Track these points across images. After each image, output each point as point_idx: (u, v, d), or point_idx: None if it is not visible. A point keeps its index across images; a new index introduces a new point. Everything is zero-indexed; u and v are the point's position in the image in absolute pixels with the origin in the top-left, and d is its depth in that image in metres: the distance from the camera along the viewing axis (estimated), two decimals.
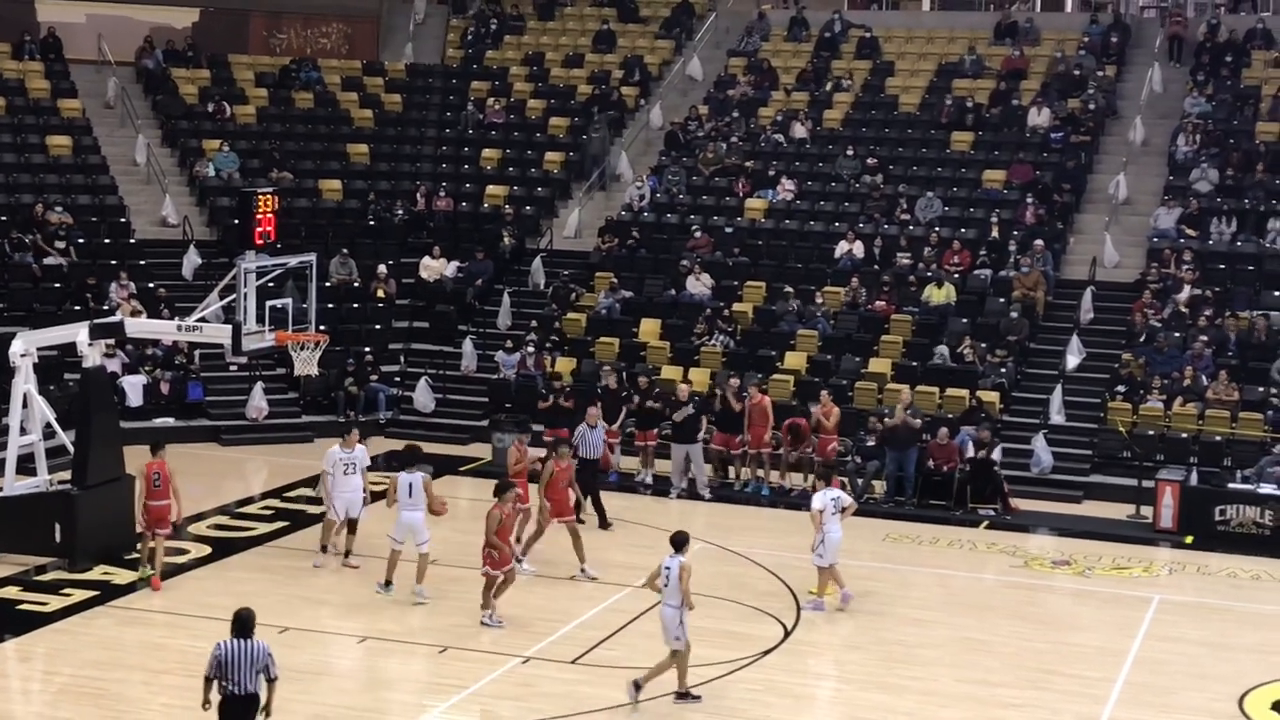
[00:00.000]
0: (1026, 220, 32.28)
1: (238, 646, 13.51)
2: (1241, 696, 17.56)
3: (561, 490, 21.24)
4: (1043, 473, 26.89)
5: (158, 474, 20.34)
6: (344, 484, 21.15)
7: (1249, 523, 24.25)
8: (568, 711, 16.36)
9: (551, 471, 21.20)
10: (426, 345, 32.18)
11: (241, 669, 13.45)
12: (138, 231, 33.45)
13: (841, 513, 19.88)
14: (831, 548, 19.77)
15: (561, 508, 21.24)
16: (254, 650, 13.52)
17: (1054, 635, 19.57)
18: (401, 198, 35.79)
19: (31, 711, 16.48)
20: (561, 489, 21.24)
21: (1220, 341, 28.64)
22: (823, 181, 34.86)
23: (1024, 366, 29.46)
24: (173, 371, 29.74)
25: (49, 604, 19.53)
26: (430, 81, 40.16)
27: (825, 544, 19.73)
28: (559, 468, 21.27)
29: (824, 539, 19.71)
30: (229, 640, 13.51)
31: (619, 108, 38.05)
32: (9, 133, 34.88)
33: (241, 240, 23.06)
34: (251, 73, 38.85)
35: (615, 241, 33.72)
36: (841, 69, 38.21)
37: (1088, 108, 35.18)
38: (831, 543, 19.74)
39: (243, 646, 13.51)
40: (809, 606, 19.93)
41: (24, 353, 21.94)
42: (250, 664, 13.49)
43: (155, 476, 20.32)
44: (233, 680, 13.46)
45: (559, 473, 21.24)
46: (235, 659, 13.46)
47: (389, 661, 17.75)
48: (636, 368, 29.81)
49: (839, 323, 30.58)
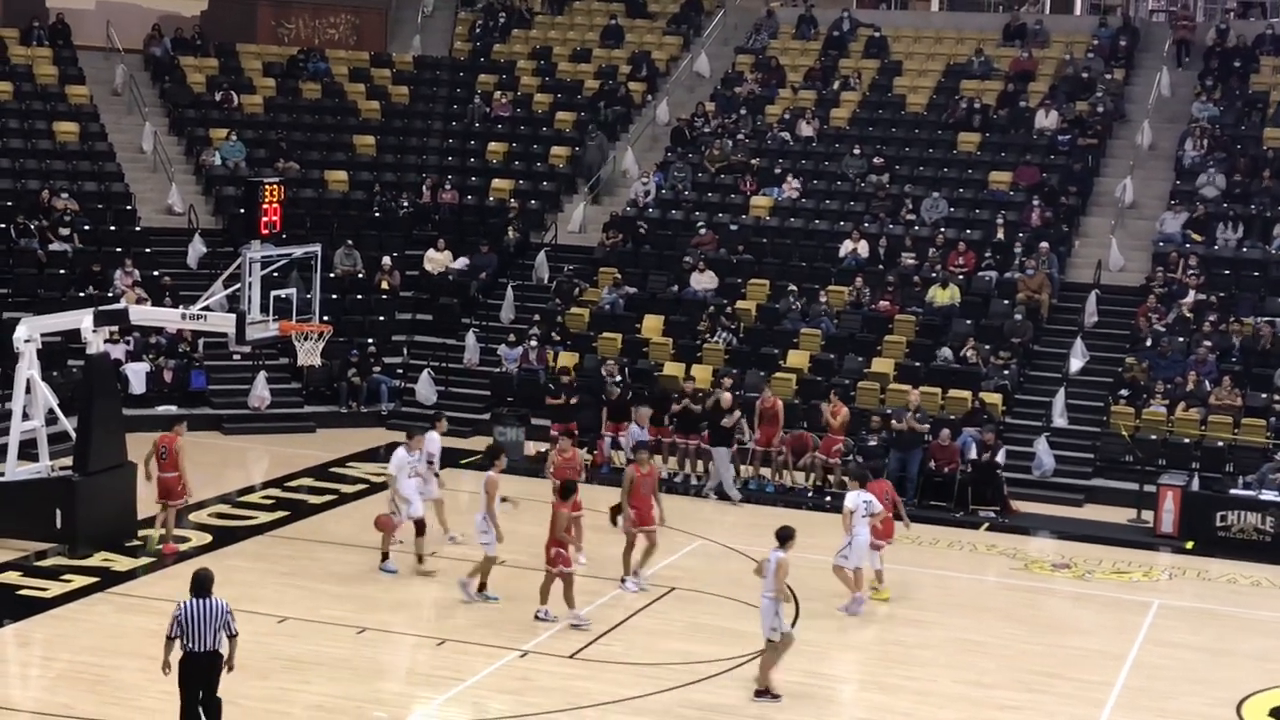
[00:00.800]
0: (1032, 222, 32.25)
1: (198, 605, 14.00)
2: (1240, 702, 17.54)
3: (644, 497, 20.30)
4: (1044, 475, 26.87)
5: (164, 448, 20.98)
6: (410, 486, 20.65)
7: (1250, 529, 24.22)
8: (564, 706, 16.36)
9: (632, 478, 20.24)
10: (429, 337, 32.19)
11: (202, 627, 13.96)
12: (143, 219, 33.46)
13: (870, 518, 19.78)
14: (858, 550, 19.72)
15: (644, 516, 20.30)
16: (214, 608, 14.02)
17: (1053, 638, 19.56)
18: (407, 190, 35.78)
19: (30, 696, 16.49)
20: (643, 496, 20.29)
21: (1224, 347, 28.61)
22: (828, 180, 34.84)
23: (1027, 369, 29.44)
24: (176, 360, 29.77)
25: (49, 590, 19.54)
26: (437, 74, 40.14)
27: (852, 546, 19.67)
28: (639, 474, 20.34)
29: (851, 541, 19.66)
30: (189, 600, 14.02)
31: (626, 103, 38.04)
32: (16, 118, 34.88)
33: (246, 230, 23.09)
34: (259, 62, 38.85)
35: (620, 237, 33.72)
36: (849, 68, 38.18)
37: (1095, 110, 35.15)
38: (858, 545, 19.68)
39: (203, 605, 14.00)
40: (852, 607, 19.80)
41: (28, 338, 21.98)
42: (211, 622, 13.99)
43: (163, 450, 20.97)
44: (194, 639, 13.98)
45: (640, 479, 20.31)
46: (196, 618, 13.97)
47: (387, 653, 17.76)
48: (639, 364, 29.85)
49: (842, 322, 30.57)
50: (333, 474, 26.38)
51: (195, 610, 14.00)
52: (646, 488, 20.36)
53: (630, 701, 16.59)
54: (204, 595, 14.04)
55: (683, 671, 17.48)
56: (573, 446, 22.22)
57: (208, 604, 14.03)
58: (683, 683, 17.16)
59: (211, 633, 14.03)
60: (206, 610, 14.00)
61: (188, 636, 14.00)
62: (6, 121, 34.61)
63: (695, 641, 18.57)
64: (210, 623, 14.00)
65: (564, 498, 18.79)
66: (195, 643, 14.01)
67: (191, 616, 13.98)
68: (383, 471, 22.16)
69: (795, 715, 16.51)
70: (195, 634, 13.99)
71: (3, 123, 34.52)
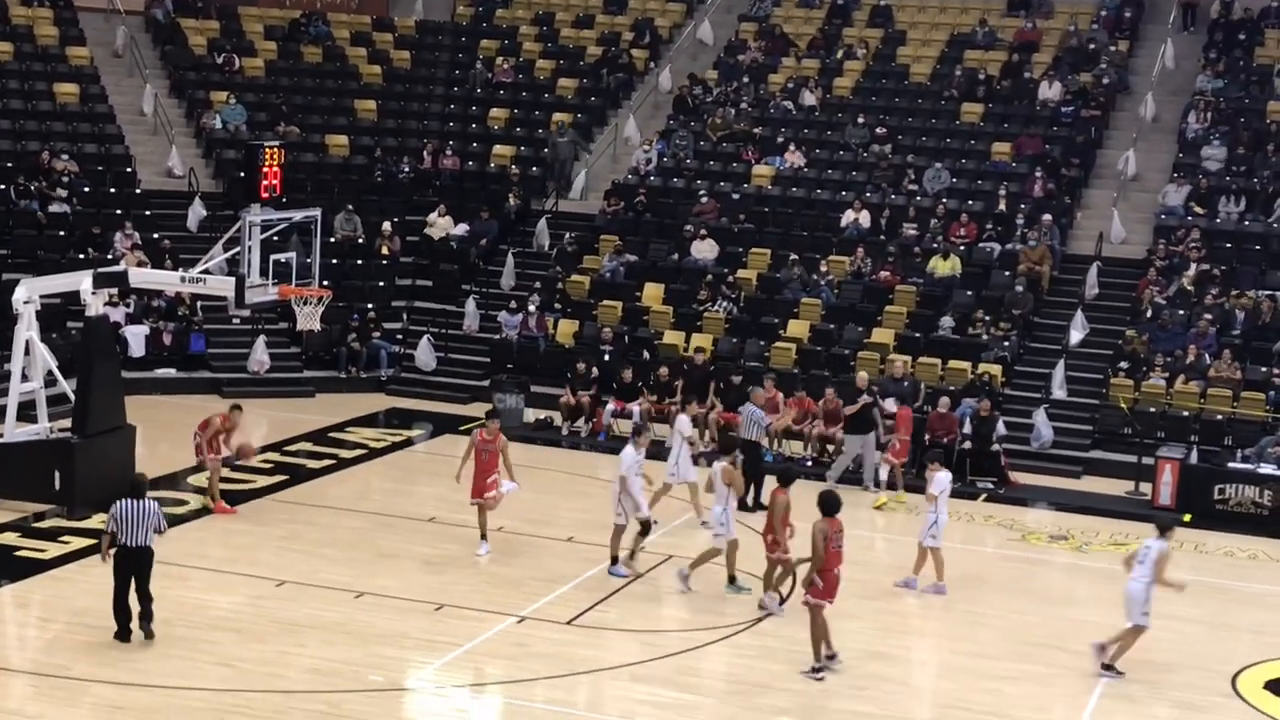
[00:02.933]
0: (1034, 194, 32.20)
1: (132, 505, 16.07)
2: (1235, 675, 17.58)
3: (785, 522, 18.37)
4: (1043, 447, 26.89)
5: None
6: (639, 485, 19.62)
7: (1248, 502, 24.24)
8: (561, 672, 16.39)
9: (786, 505, 18.32)
10: (429, 304, 32.16)
11: (135, 525, 16.01)
12: (143, 182, 33.38)
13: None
14: (942, 530, 19.74)
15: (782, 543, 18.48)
16: (146, 509, 16.10)
17: (1049, 609, 19.59)
18: (408, 155, 35.69)
19: (27, 658, 16.51)
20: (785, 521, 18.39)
21: (1224, 320, 28.60)
22: (831, 150, 34.75)
23: (1027, 340, 29.42)
24: (175, 323, 29.74)
25: (47, 551, 19.58)
26: (439, 39, 39.99)
27: (938, 525, 19.66)
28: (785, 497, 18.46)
29: (937, 520, 19.65)
30: (125, 500, 16.04)
31: (628, 70, 37.92)
32: (16, 79, 34.78)
33: (247, 193, 23.03)
34: (261, 25, 38.71)
35: (621, 205, 33.65)
36: (853, 37, 38.04)
37: (1099, 82, 35.05)
38: (941, 525, 19.70)
39: (137, 505, 16.06)
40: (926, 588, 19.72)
41: (27, 300, 21.94)
42: (143, 521, 16.04)
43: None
44: (128, 534, 16.01)
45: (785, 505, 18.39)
46: (130, 516, 16.02)
47: (385, 618, 17.77)
48: (639, 332, 29.83)
49: (843, 292, 30.53)
50: (331, 439, 26.38)
51: (130, 509, 16.03)
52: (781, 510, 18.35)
53: (627, 668, 16.63)
54: (139, 497, 16.08)
55: (680, 638, 17.51)
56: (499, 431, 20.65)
57: (141, 504, 16.06)
58: (680, 649, 17.19)
59: (143, 530, 16.04)
60: (139, 510, 16.03)
61: (122, 532, 16.00)
62: (6, 82, 34.51)
63: (692, 609, 18.59)
64: (143, 521, 16.03)
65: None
66: (129, 538, 16.02)
67: (126, 515, 16.01)
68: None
69: (794, 683, 16.53)
70: (129, 530, 15.99)
71: (3, 83, 34.42)
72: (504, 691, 16.05)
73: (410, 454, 26.09)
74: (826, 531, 16.31)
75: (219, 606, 17.81)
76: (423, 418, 28.29)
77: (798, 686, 16.46)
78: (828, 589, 16.41)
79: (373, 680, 15.93)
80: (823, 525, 16.33)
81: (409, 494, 23.27)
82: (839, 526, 16.46)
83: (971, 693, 16.73)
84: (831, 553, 16.36)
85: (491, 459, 20.10)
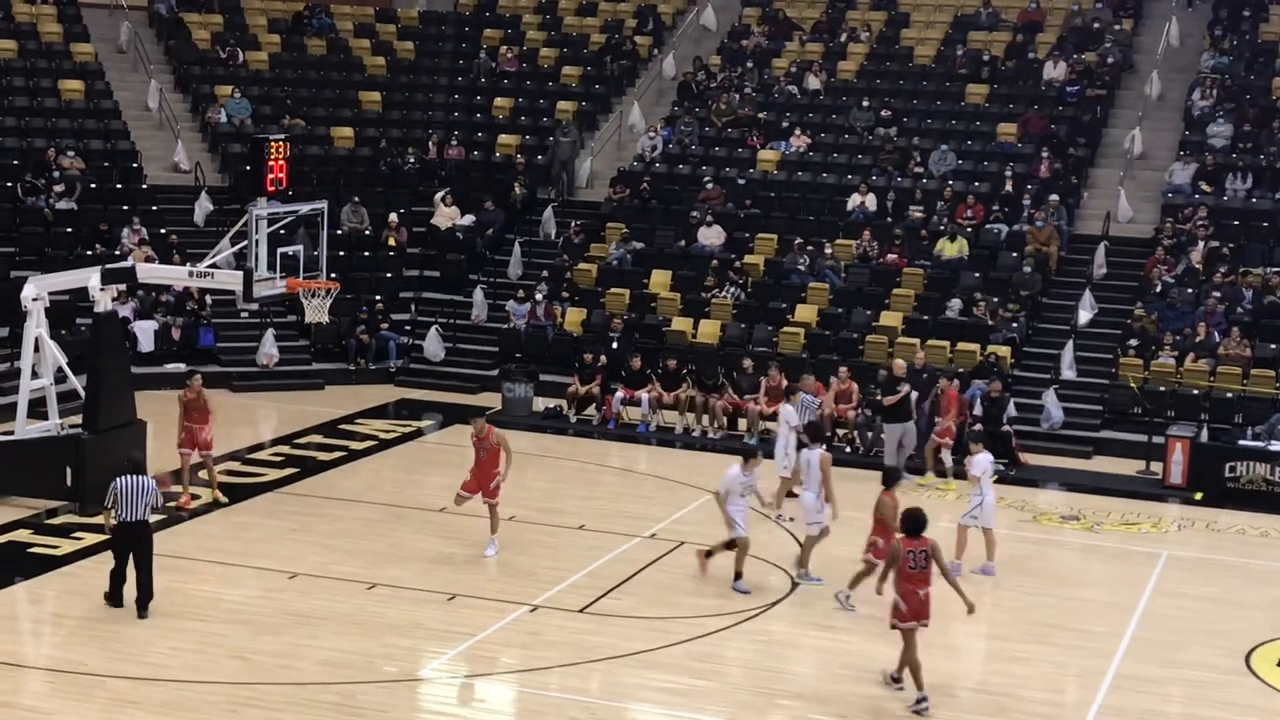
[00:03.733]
0: (1041, 174, 32.14)
1: (131, 481, 16.79)
2: (1248, 653, 17.57)
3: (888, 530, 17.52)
4: (1053, 428, 26.87)
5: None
6: (739, 505, 18.70)
7: (1259, 480, 24.21)
8: (574, 660, 16.42)
9: (893, 508, 17.55)
10: (437, 294, 32.19)
11: (133, 500, 16.71)
12: (150, 177, 33.42)
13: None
14: (988, 511, 19.68)
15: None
16: (143, 485, 16.85)
17: (1062, 590, 19.59)
18: (413, 146, 35.69)
19: (42, 654, 16.57)
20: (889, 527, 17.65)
21: (1233, 298, 28.55)
22: (836, 133, 34.71)
23: (1036, 321, 29.39)
24: (184, 317, 29.79)
25: (60, 547, 19.63)
26: (443, 29, 39.98)
27: (983, 507, 19.62)
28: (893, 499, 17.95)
29: (982, 502, 19.61)
30: (124, 477, 16.77)
31: (632, 57, 37.87)
32: (21, 76, 34.79)
33: (253, 187, 23.02)
34: (264, 18, 38.71)
35: (627, 192, 33.64)
36: (856, 19, 37.99)
37: (1104, 61, 34.96)
38: (988, 506, 19.65)
39: (135, 481, 16.80)
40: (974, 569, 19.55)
41: (36, 297, 22.00)
42: (140, 497, 16.77)
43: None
44: (127, 509, 16.73)
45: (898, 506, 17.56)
46: (128, 491, 16.73)
47: (397, 608, 17.80)
48: (646, 319, 29.83)
49: (850, 276, 30.51)
50: (341, 431, 26.43)
51: (129, 485, 16.75)
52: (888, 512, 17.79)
53: (640, 655, 16.65)
54: (138, 474, 16.93)
55: (692, 625, 17.54)
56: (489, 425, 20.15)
57: (139, 481, 16.82)
58: (692, 636, 17.21)
59: (141, 505, 16.76)
60: (137, 486, 16.76)
61: (121, 507, 16.71)
62: (11, 80, 34.53)
63: (704, 595, 18.61)
64: (140, 497, 16.75)
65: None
66: (127, 513, 16.74)
67: (125, 491, 16.72)
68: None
69: (803, 667, 16.57)
70: (127, 505, 16.70)
71: (8, 81, 34.43)
72: (518, 680, 16.07)
73: (420, 445, 26.14)
74: (900, 551, 15.30)
75: (231, 599, 17.86)
76: (432, 408, 28.33)
77: (809, 671, 16.48)
78: (911, 610, 15.31)
79: (386, 671, 15.96)
80: (899, 544, 15.41)
81: (420, 484, 23.29)
82: (925, 545, 15.31)
83: (984, 674, 16.77)
84: (909, 573, 15.25)
85: (491, 455, 19.71)
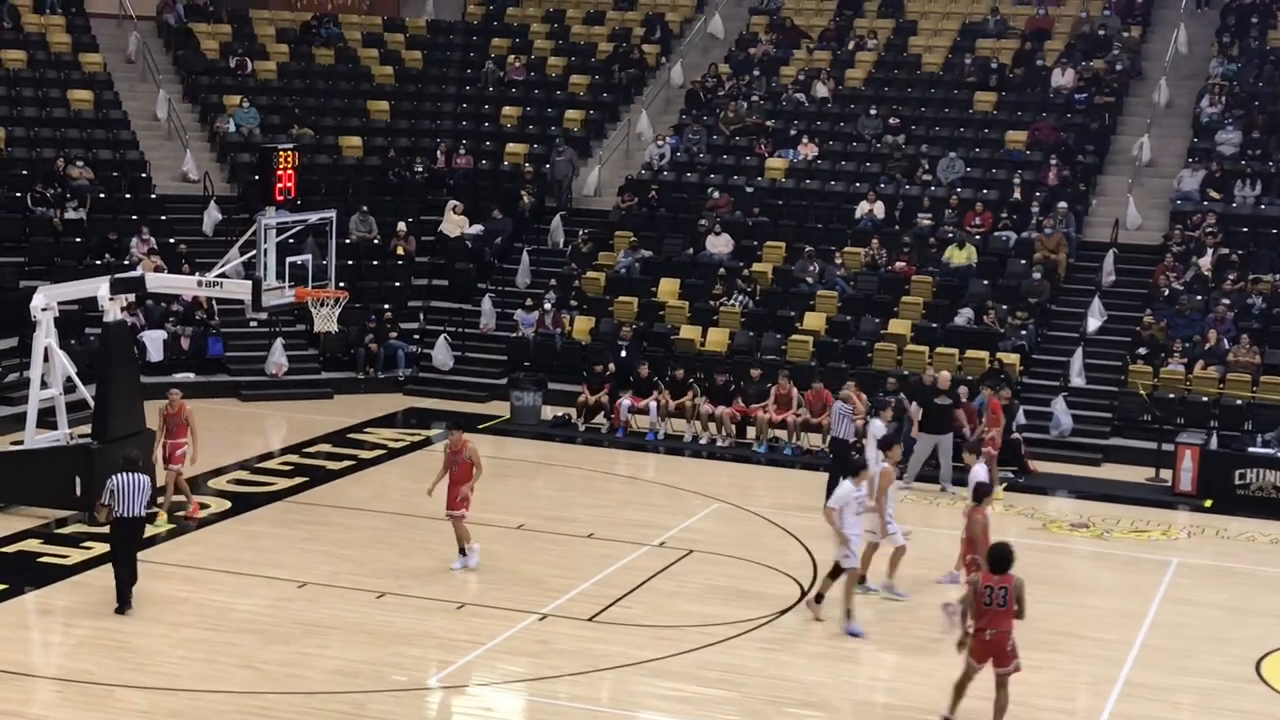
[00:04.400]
0: (1049, 182, 32.12)
1: (127, 479, 17.14)
2: (1259, 660, 17.54)
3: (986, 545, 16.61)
4: (1062, 435, 26.84)
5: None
6: (855, 524, 17.99)
7: (1269, 487, 24.16)
8: (583, 669, 16.41)
9: (985, 524, 17.54)
10: (446, 303, 32.21)
11: (130, 497, 17.11)
12: (158, 187, 33.47)
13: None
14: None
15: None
16: (140, 483, 17.21)
17: (1071, 598, 19.54)
18: (422, 155, 35.72)
19: (52, 663, 16.59)
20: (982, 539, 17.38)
21: (1242, 305, 28.51)
22: (844, 141, 34.71)
23: (1045, 329, 29.36)
24: (193, 327, 29.81)
25: (69, 557, 19.64)
26: (451, 38, 40.03)
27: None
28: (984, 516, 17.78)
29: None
30: (121, 474, 17.12)
31: (640, 66, 37.91)
32: (30, 87, 34.86)
33: (262, 196, 23.07)
34: (272, 28, 38.78)
35: (635, 200, 33.66)
36: (864, 27, 38.00)
37: (1112, 68, 34.95)
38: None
39: (131, 479, 17.14)
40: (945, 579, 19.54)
41: (45, 307, 22.02)
42: (136, 494, 17.16)
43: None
44: (123, 506, 17.10)
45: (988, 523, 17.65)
46: (125, 488, 17.10)
47: (407, 617, 17.81)
48: (655, 327, 29.83)
49: (859, 284, 30.50)
50: (351, 440, 26.45)
51: (125, 483, 17.10)
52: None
53: (649, 663, 16.64)
54: (133, 471, 17.19)
55: (701, 633, 17.53)
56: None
57: (135, 478, 17.15)
58: (701, 645, 17.20)
59: (137, 502, 17.17)
60: (134, 484, 17.11)
61: (118, 504, 17.08)
62: (21, 90, 34.59)
63: (713, 604, 18.60)
64: (136, 494, 17.15)
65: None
66: (123, 509, 17.10)
67: (121, 487, 17.08)
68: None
69: (813, 675, 16.54)
70: (124, 502, 17.08)
71: (17, 91, 34.49)
72: (527, 689, 16.07)
73: (429, 453, 26.06)
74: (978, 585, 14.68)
75: (241, 609, 17.87)
76: (441, 417, 28.32)
77: (820, 679, 16.46)
78: (973, 650, 14.73)
79: (396, 680, 15.97)
80: (977, 578, 14.90)
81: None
82: (1009, 583, 14.58)
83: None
84: (984, 610, 14.56)
85: (463, 469, 19.45)
